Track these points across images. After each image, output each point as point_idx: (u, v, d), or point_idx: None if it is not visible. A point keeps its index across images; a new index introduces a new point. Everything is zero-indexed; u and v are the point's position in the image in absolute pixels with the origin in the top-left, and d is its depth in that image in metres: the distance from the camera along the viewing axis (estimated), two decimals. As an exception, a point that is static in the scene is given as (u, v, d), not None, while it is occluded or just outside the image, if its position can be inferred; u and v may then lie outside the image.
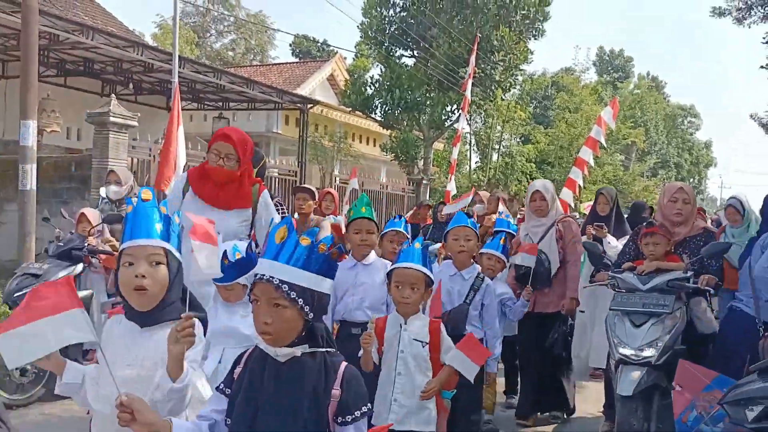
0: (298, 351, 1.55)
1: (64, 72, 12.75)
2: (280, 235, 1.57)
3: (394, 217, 3.84)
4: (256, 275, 1.57)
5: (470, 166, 20.67)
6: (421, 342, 2.69)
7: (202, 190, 3.37)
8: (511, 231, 4.60)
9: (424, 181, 16.96)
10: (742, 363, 2.87)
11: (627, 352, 3.34)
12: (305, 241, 1.56)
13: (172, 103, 7.55)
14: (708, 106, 79.25)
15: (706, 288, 3.41)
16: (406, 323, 2.72)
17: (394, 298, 2.77)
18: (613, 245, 4.98)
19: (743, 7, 9.85)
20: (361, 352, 2.64)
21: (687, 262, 3.55)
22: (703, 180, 45.72)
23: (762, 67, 9.26)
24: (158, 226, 1.83)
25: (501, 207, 5.80)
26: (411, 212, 9.43)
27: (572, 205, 9.64)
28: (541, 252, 4.13)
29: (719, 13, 10.31)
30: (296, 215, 5.50)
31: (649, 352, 3.29)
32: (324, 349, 1.58)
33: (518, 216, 6.67)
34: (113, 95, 8.85)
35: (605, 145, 17.51)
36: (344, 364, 1.61)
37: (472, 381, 2.79)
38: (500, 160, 20.74)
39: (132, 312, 1.85)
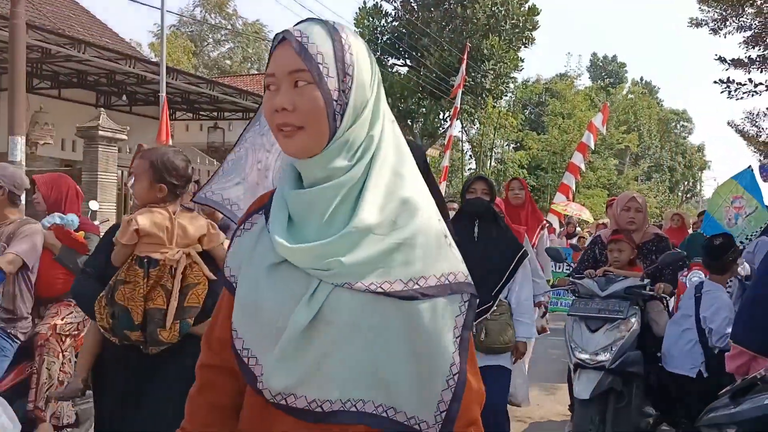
0: None
1: (58, 84, 12.94)
2: None
3: None
4: None
5: (463, 173, 20.83)
6: None
7: None
8: None
9: (417, 189, 17.14)
10: None
11: (583, 356, 3.39)
12: None
13: (160, 117, 7.74)
14: (699, 109, 79.66)
15: (663, 296, 3.56)
16: None
17: None
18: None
19: (718, 18, 10.09)
20: None
21: (644, 269, 3.67)
22: (698, 182, 45.96)
23: (715, 82, 9.51)
24: None
25: None
26: None
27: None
28: None
29: (696, 23, 10.55)
30: None
31: (603, 356, 3.34)
32: None
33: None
34: (102, 109, 9.01)
35: (596, 150, 17.82)
36: None
37: None
38: (493, 167, 20.92)
39: None
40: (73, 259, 3.14)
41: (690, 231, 7.25)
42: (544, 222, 5.20)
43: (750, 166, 4.81)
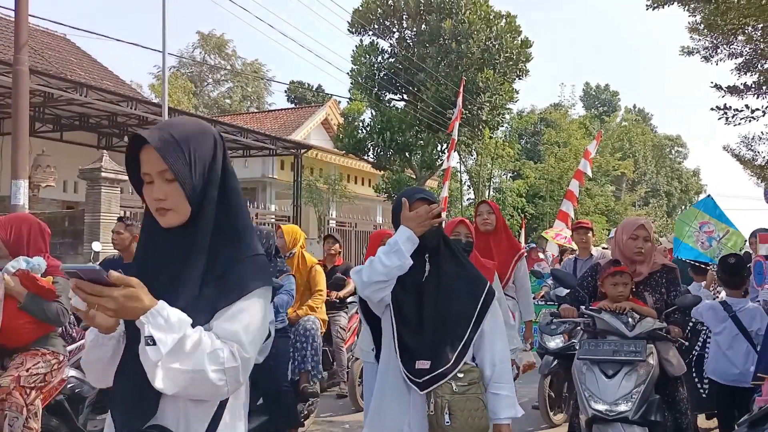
0: None
1: (60, 127, 13.03)
2: None
3: None
4: None
5: (462, 203, 20.91)
6: None
7: None
8: None
9: (417, 221, 17.14)
10: None
11: (601, 407, 3.01)
12: None
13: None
14: (693, 134, 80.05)
15: (675, 338, 3.32)
16: None
17: None
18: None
19: (709, 46, 10.33)
20: None
21: (653, 303, 3.44)
22: (695, 207, 45.98)
23: (712, 109, 9.65)
24: None
25: None
26: None
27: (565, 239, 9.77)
28: None
29: (687, 52, 10.79)
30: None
31: (625, 406, 2.98)
32: None
33: None
34: (105, 151, 9.06)
35: (592, 176, 17.98)
36: None
37: None
38: (492, 196, 21.03)
39: None
40: (39, 306, 2.96)
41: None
42: (523, 251, 4.39)
43: (709, 195, 5.24)
